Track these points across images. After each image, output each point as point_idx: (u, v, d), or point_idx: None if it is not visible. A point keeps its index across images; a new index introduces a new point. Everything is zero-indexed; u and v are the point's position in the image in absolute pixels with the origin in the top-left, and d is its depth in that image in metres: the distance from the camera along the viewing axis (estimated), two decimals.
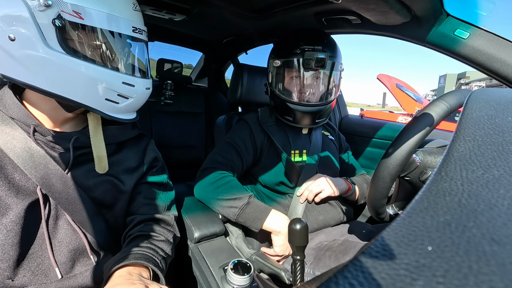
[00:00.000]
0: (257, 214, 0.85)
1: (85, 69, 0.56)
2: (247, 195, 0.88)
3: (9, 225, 0.56)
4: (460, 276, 0.13)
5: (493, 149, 0.24)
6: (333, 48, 0.99)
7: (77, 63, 0.55)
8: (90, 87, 0.57)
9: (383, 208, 0.68)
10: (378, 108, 23.81)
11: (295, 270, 0.59)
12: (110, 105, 0.60)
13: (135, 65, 0.65)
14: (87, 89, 0.57)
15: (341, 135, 1.27)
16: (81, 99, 0.57)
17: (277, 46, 1.07)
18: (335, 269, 0.15)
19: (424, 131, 0.56)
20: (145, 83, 0.65)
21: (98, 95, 0.58)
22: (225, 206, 0.87)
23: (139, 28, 0.62)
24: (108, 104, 0.60)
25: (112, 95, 0.60)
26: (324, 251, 0.88)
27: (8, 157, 0.58)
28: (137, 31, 0.61)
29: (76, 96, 0.57)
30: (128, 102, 0.62)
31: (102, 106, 0.60)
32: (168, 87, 1.69)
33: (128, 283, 0.49)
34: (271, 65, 1.05)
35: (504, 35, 0.69)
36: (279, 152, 1.02)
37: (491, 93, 0.37)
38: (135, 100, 0.64)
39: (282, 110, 1.04)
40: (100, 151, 0.66)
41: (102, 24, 0.56)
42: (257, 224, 0.85)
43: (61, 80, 0.55)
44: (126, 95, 0.61)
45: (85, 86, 0.57)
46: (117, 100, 0.60)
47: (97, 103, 0.59)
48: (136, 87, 0.62)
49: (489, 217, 0.17)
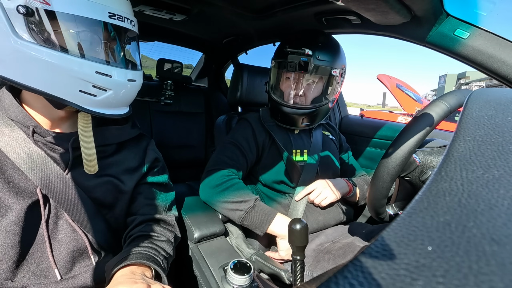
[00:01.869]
0: (262, 218, 0.85)
1: (54, 59, 0.52)
2: (253, 198, 0.88)
3: (9, 226, 0.56)
4: (460, 276, 0.13)
5: (493, 149, 0.24)
6: (329, 52, 0.98)
7: (45, 52, 0.51)
8: (59, 77, 0.53)
9: (383, 208, 0.68)
10: (378, 108, 23.82)
11: (295, 270, 0.59)
12: (86, 98, 0.56)
13: (115, 54, 0.60)
14: (59, 80, 0.53)
15: (342, 136, 1.27)
16: (55, 92, 0.54)
17: (278, 47, 1.08)
18: (335, 269, 0.15)
19: (424, 131, 0.56)
20: (126, 74, 0.60)
21: (71, 87, 0.54)
22: (231, 209, 0.87)
23: (117, 15, 0.56)
24: (84, 96, 0.55)
25: (87, 86, 0.55)
26: (324, 254, 0.88)
27: (8, 158, 0.58)
28: (115, 17, 0.55)
29: (49, 89, 0.54)
30: (106, 94, 0.57)
31: (77, 99, 0.55)
32: (168, 87, 1.69)
33: (131, 282, 0.49)
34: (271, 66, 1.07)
35: (504, 35, 0.69)
36: (280, 151, 1.02)
37: (491, 93, 0.37)
38: (114, 92, 0.58)
39: (272, 109, 1.06)
40: (89, 151, 0.63)
41: (71, 9, 0.52)
42: (263, 228, 0.85)
43: (32, 71, 0.52)
44: (102, 87, 0.56)
45: (57, 77, 0.53)
46: (93, 92, 0.56)
47: (71, 96, 0.55)
48: (114, 78, 0.57)
49: (489, 217, 0.17)
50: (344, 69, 1.04)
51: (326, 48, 0.98)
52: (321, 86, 1.01)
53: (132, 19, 0.60)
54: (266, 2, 1.02)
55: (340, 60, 1.01)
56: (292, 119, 1.02)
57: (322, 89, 1.02)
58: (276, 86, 1.06)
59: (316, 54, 0.94)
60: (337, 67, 0.99)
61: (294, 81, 1.00)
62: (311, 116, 1.02)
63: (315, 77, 0.99)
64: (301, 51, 0.94)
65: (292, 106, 1.00)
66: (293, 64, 0.95)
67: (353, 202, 1.10)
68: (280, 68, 1.02)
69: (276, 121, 1.06)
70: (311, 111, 1.01)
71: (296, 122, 1.03)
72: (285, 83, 1.03)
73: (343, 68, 1.03)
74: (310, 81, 1.00)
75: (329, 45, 1.00)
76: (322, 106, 1.01)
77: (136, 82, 0.62)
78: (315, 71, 0.96)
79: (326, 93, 1.02)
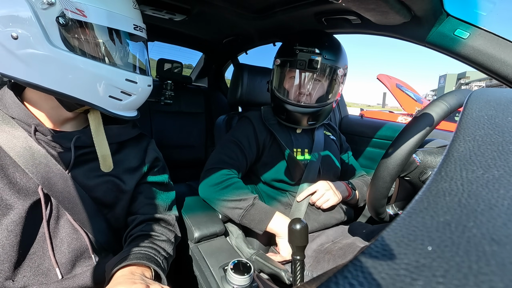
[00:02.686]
0: (261, 216, 0.85)
1: (88, 66, 0.56)
2: (252, 196, 0.88)
3: (10, 226, 0.56)
4: (460, 276, 0.13)
5: (493, 149, 0.24)
6: (334, 51, 0.99)
7: (81, 61, 0.56)
8: (93, 84, 0.57)
9: (383, 208, 0.69)
10: (378, 108, 23.80)
11: (295, 270, 0.59)
12: (113, 102, 0.61)
13: (136, 62, 0.66)
14: (90, 86, 0.57)
15: (342, 136, 1.27)
16: (85, 97, 0.58)
17: (281, 46, 1.09)
18: (335, 269, 0.15)
19: (424, 131, 0.56)
20: (146, 80, 0.66)
21: (101, 92, 0.59)
22: (230, 207, 0.87)
23: (139, 26, 0.62)
24: (112, 101, 0.60)
25: (116, 92, 0.60)
26: (324, 254, 0.88)
27: (9, 157, 0.58)
28: (138, 28, 0.62)
29: (80, 94, 0.57)
30: (131, 99, 0.63)
31: (105, 103, 0.60)
32: (168, 87, 1.69)
33: (130, 282, 0.49)
34: (274, 64, 1.07)
35: (504, 35, 0.69)
36: (282, 149, 1.02)
37: (491, 93, 0.37)
38: (137, 97, 0.64)
39: (277, 108, 1.06)
40: (104, 150, 0.66)
41: (105, 22, 0.57)
42: (261, 226, 0.85)
43: (64, 78, 0.56)
44: (129, 92, 0.62)
45: (89, 83, 0.57)
46: (120, 97, 0.61)
47: (100, 101, 0.59)
48: (139, 84, 0.63)
49: (489, 217, 0.17)
50: (346, 69, 1.04)
51: (332, 48, 0.99)
52: (326, 85, 1.01)
53: (144, 27, 0.66)
54: (266, 2, 1.02)
55: (344, 60, 1.02)
56: (297, 118, 1.02)
57: (327, 88, 1.02)
58: (281, 85, 1.05)
59: (323, 53, 0.95)
60: (341, 67, 1.00)
61: (300, 80, 1.00)
62: (315, 115, 1.03)
63: (321, 76, 0.99)
64: (311, 49, 0.95)
65: (297, 105, 1.00)
66: (303, 62, 0.95)
67: (352, 204, 1.10)
68: (287, 67, 1.01)
69: (280, 120, 1.06)
70: (316, 110, 1.01)
71: (300, 121, 1.03)
72: (289, 82, 1.03)
73: (346, 68, 1.04)
74: (316, 80, 1.00)
75: (334, 45, 1.01)
76: (326, 105, 1.02)
77: (150, 87, 0.68)
78: (322, 70, 0.97)
79: (330, 93, 1.03)
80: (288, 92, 1.03)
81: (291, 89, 1.02)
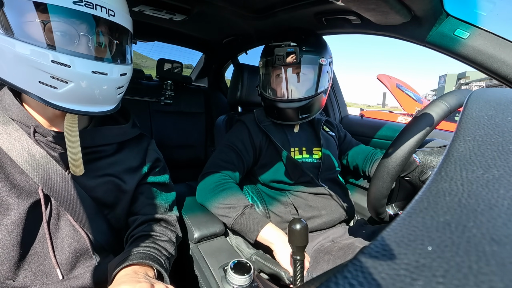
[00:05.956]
0: (251, 226, 0.83)
1: (10, 45, 0.49)
2: (242, 205, 0.86)
3: (10, 226, 0.56)
4: (460, 276, 0.13)
5: (493, 149, 0.24)
6: (312, 42, 1.00)
7: (2, 39, 0.49)
8: (18, 66, 0.51)
9: (383, 208, 0.69)
10: (378, 108, 23.80)
11: (295, 270, 0.59)
12: (48, 90, 0.52)
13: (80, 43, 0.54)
14: (16, 69, 0.51)
15: (340, 126, 1.28)
16: (16, 82, 0.52)
17: (263, 48, 1.10)
18: (335, 269, 0.15)
19: (424, 131, 0.56)
20: (90, 65, 0.54)
21: (29, 76, 0.51)
22: (221, 214, 0.87)
23: (86, 1, 0.51)
24: (45, 88, 0.52)
25: (45, 77, 0.51)
26: (323, 254, 0.88)
27: (9, 158, 0.58)
28: (81, 3, 0.51)
29: (11, 78, 0.52)
30: (68, 87, 0.52)
31: (38, 90, 0.52)
32: (168, 87, 1.69)
33: (134, 281, 0.49)
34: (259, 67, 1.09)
35: (504, 35, 0.69)
36: (278, 150, 1.02)
37: (491, 93, 0.37)
38: (76, 84, 0.53)
39: (268, 108, 1.07)
40: (74, 152, 0.60)
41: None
42: (252, 235, 0.83)
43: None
44: (61, 78, 0.51)
45: (13, 65, 0.51)
46: (53, 83, 0.52)
47: (31, 87, 0.52)
48: (74, 68, 0.52)
49: (489, 217, 0.17)
50: (331, 59, 1.05)
51: (309, 40, 1.00)
52: (312, 77, 1.01)
53: (110, 8, 0.55)
54: (266, 2, 1.02)
55: (325, 51, 1.02)
56: (288, 114, 1.02)
57: (313, 80, 1.02)
58: (268, 85, 1.06)
59: (301, 46, 0.96)
60: (323, 57, 1.00)
61: (285, 75, 1.01)
62: (306, 108, 1.02)
63: (305, 68, 0.99)
64: (286, 43, 0.96)
65: (286, 101, 1.00)
66: (280, 57, 0.96)
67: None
68: (269, 66, 1.03)
69: (273, 119, 1.07)
70: (306, 103, 1.01)
71: (292, 116, 1.02)
72: (275, 80, 1.03)
73: (330, 58, 1.04)
74: (300, 73, 1.00)
75: (313, 37, 1.02)
76: (315, 96, 1.02)
77: (107, 75, 0.56)
78: (303, 62, 0.97)
79: (317, 84, 1.02)
80: (275, 91, 1.04)
81: (278, 87, 1.03)
